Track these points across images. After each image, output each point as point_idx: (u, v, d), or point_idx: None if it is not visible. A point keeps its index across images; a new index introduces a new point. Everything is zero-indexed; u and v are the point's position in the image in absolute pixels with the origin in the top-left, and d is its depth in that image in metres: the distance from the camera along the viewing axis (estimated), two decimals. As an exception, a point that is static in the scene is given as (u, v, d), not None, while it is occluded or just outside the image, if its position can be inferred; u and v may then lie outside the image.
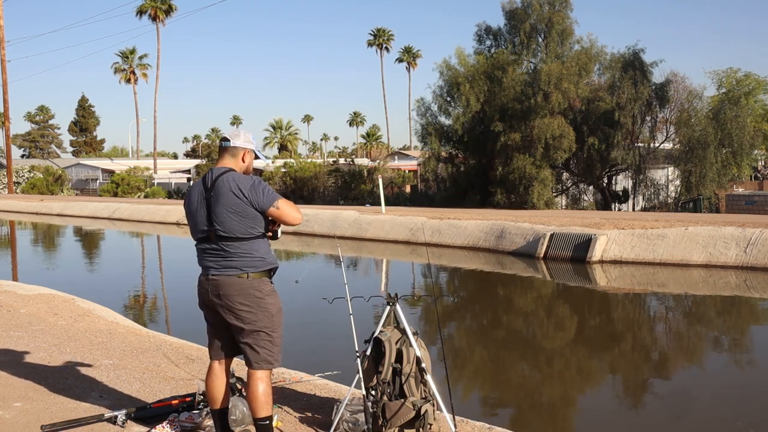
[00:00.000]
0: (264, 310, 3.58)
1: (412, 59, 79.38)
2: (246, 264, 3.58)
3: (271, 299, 3.61)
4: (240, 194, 3.52)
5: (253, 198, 3.53)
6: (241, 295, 3.55)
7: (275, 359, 3.62)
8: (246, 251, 3.58)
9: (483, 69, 25.56)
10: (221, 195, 3.55)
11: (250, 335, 3.57)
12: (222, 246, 3.59)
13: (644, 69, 24.73)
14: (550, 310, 11.08)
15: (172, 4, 54.07)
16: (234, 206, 3.53)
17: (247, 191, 3.53)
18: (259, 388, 3.57)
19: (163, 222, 27.85)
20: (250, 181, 3.58)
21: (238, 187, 3.53)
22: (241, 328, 3.58)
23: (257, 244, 3.62)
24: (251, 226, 3.57)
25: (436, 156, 27.58)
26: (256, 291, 3.56)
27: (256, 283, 3.57)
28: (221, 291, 3.57)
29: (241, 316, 3.56)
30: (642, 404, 6.29)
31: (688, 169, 24.23)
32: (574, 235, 14.83)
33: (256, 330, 3.57)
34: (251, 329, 3.57)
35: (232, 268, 3.57)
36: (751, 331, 9.55)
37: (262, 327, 3.57)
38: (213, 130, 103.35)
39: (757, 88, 37.69)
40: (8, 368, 5.51)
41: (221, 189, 3.56)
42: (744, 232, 13.28)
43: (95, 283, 13.79)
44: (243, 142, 3.72)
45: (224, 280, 3.58)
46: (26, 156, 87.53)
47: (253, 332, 3.57)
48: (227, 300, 3.56)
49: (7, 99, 49.03)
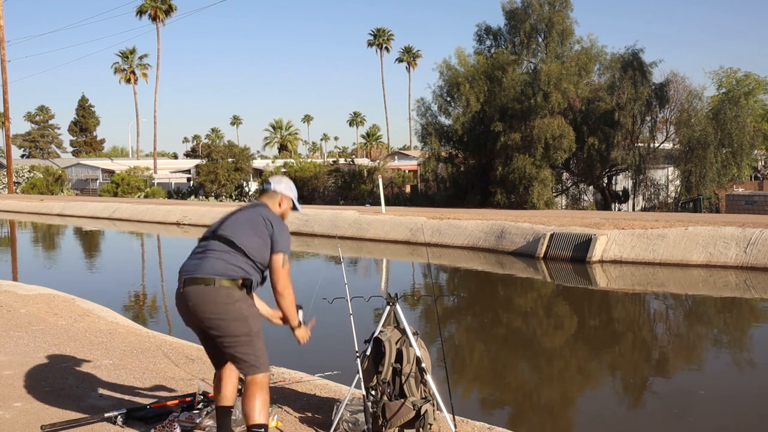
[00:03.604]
0: (236, 317, 3.49)
1: (412, 59, 79.42)
2: (219, 269, 3.52)
3: (242, 304, 3.52)
4: (267, 222, 3.61)
5: (276, 233, 3.59)
6: (209, 303, 3.48)
7: (260, 363, 3.53)
8: (228, 260, 3.54)
9: (483, 69, 25.55)
10: (248, 211, 3.68)
11: (228, 343, 3.50)
12: (212, 245, 3.59)
13: (644, 69, 24.73)
14: (550, 310, 11.08)
15: (172, 4, 54.06)
16: (255, 224, 3.60)
17: (275, 223, 3.62)
18: (252, 394, 3.50)
19: (163, 222, 27.85)
20: (281, 219, 3.71)
21: (268, 216, 3.65)
22: (217, 336, 3.52)
23: (244, 262, 3.57)
24: (256, 248, 3.57)
25: (436, 156, 27.57)
26: (224, 298, 3.49)
27: (223, 290, 3.49)
28: (190, 302, 3.51)
29: (213, 325, 3.50)
30: (642, 404, 6.29)
31: (688, 169, 24.23)
32: (574, 235, 14.82)
33: (233, 337, 3.49)
34: (227, 337, 3.49)
35: (203, 268, 3.52)
36: (751, 331, 9.54)
37: (238, 333, 3.49)
38: (213, 130, 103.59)
39: (757, 88, 37.69)
40: (8, 368, 5.51)
41: (251, 209, 3.70)
42: (744, 232, 13.28)
43: (95, 283, 13.79)
44: (283, 189, 3.85)
45: (192, 291, 3.52)
46: (26, 156, 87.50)
47: (230, 340, 3.49)
48: (197, 310, 3.50)
49: (7, 99, 49.03)
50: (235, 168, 39.93)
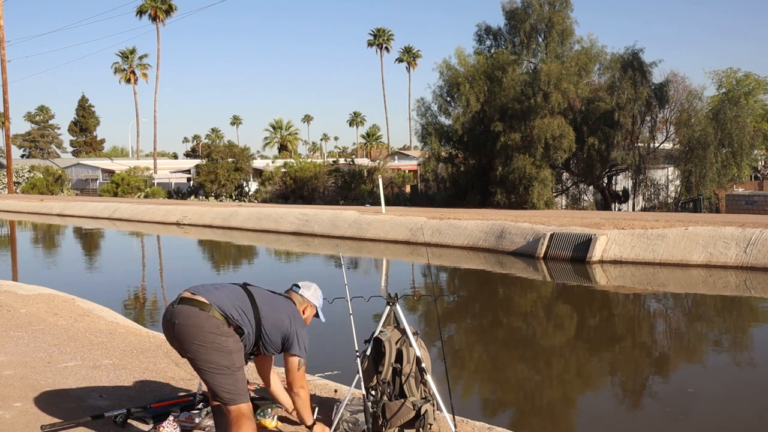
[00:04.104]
0: (218, 348, 3.38)
1: (412, 59, 79.44)
2: (222, 303, 3.47)
3: (229, 339, 3.43)
4: (293, 320, 3.65)
5: (299, 335, 3.63)
6: (196, 326, 3.38)
7: (240, 394, 3.41)
8: (238, 306, 3.52)
9: (483, 69, 25.55)
10: (281, 299, 3.74)
11: (206, 370, 3.40)
12: (233, 287, 3.63)
13: (643, 69, 24.72)
14: (550, 310, 11.08)
15: (172, 4, 54.07)
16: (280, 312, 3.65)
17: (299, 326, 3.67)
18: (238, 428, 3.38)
19: (163, 222, 27.84)
20: (304, 324, 3.74)
21: (296, 315, 3.69)
22: (193, 361, 3.44)
23: (251, 321, 3.55)
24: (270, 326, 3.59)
25: (436, 156, 27.57)
26: (212, 327, 3.39)
27: (213, 320, 3.40)
28: (176, 320, 3.41)
29: (191, 349, 3.40)
30: (642, 404, 6.28)
31: (688, 169, 24.22)
32: (574, 235, 14.82)
33: (210, 365, 3.38)
34: (204, 363, 3.39)
35: (206, 294, 3.49)
36: (751, 331, 9.54)
37: (217, 365, 3.38)
38: (213, 130, 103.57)
39: (757, 88, 37.69)
40: (8, 368, 5.51)
41: (284, 299, 3.76)
42: (744, 232, 13.28)
43: (95, 283, 13.78)
44: (310, 296, 3.87)
45: (183, 310, 3.42)
46: (26, 156, 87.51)
47: (206, 367, 3.39)
48: (181, 330, 3.40)
49: (7, 99, 49.05)
50: (235, 168, 39.93)
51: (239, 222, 24.68)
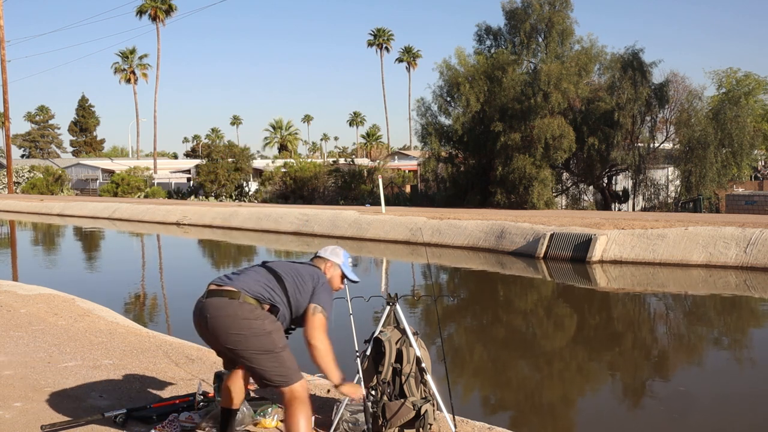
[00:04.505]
0: (257, 333, 3.33)
1: (412, 59, 79.43)
2: (250, 287, 3.44)
3: (264, 321, 3.38)
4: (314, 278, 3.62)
5: (318, 289, 3.56)
6: (229, 316, 3.33)
7: (290, 374, 3.37)
8: (264, 284, 3.48)
9: (483, 69, 25.55)
10: (301, 265, 3.70)
11: (249, 359, 3.35)
12: (255, 269, 3.60)
13: (643, 69, 24.72)
14: (550, 310, 11.08)
15: (172, 4, 54.07)
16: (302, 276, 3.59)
17: (321, 281, 3.62)
18: (294, 412, 3.33)
19: (163, 222, 27.85)
20: (327, 282, 3.69)
21: (317, 274, 3.66)
22: (236, 352, 3.36)
23: (281, 294, 3.50)
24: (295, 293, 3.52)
25: (436, 156, 27.57)
26: (246, 313, 3.35)
27: (246, 306, 3.36)
28: (208, 314, 3.37)
29: (231, 341, 3.34)
30: (642, 404, 6.28)
31: (688, 169, 24.22)
32: (574, 235, 14.82)
33: (254, 352, 3.33)
34: (247, 352, 3.33)
35: (233, 282, 3.45)
36: (751, 331, 9.55)
37: (260, 350, 3.33)
38: (213, 130, 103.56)
39: (757, 88, 37.68)
40: (8, 368, 5.51)
41: (304, 265, 3.73)
42: (744, 232, 13.28)
43: (95, 283, 13.78)
44: (329, 254, 3.88)
45: (213, 303, 3.38)
46: (26, 156, 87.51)
47: (250, 355, 3.33)
48: (215, 323, 3.35)
49: (7, 99, 49.04)
50: (235, 168, 39.93)
51: (239, 222, 24.68)
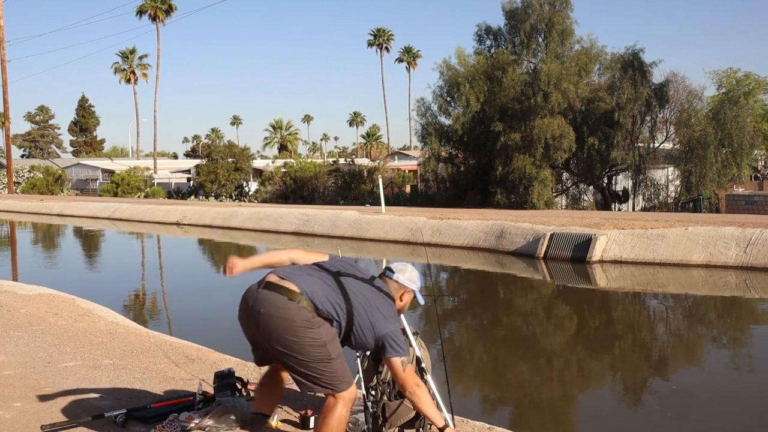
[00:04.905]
0: (312, 342, 3.08)
1: (412, 59, 79.46)
2: (314, 293, 3.12)
3: (321, 330, 3.11)
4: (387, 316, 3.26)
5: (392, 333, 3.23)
6: (285, 319, 3.05)
7: (341, 381, 3.14)
8: (330, 296, 3.16)
9: (483, 69, 25.55)
10: (372, 289, 3.31)
11: (298, 364, 3.09)
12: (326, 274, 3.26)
13: (643, 69, 24.73)
14: (550, 310, 11.08)
15: (172, 4, 54.08)
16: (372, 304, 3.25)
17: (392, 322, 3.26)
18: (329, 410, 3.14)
19: (163, 222, 27.84)
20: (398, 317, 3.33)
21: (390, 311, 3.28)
22: (285, 355, 3.10)
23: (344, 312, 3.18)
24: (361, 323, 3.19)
25: (436, 156, 27.57)
26: (303, 322, 3.06)
27: (305, 312, 3.07)
28: (262, 308, 3.08)
29: (283, 344, 3.07)
30: (642, 404, 6.29)
31: (688, 169, 24.22)
32: (574, 235, 14.82)
33: (305, 358, 3.08)
34: (297, 357, 3.08)
35: (296, 280, 3.13)
36: (751, 331, 9.55)
37: (313, 357, 3.09)
38: (213, 130, 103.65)
39: (757, 88, 37.67)
40: (8, 368, 5.51)
41: (377, 291, 3.32)
42: (744, 232, 13.28)
43: (95, 283, 13.78)
44: (406, 280, 3.48)
45: (270, 298, 3.08)
46: (26, 156, 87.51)
47: (299, 360, 3.08)
48: (267, 321, 3.07)
49: (7, 99, 49.04)
50: (235, 168, 39.93)
51: (239, 222, 24.68)
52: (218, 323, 9.47)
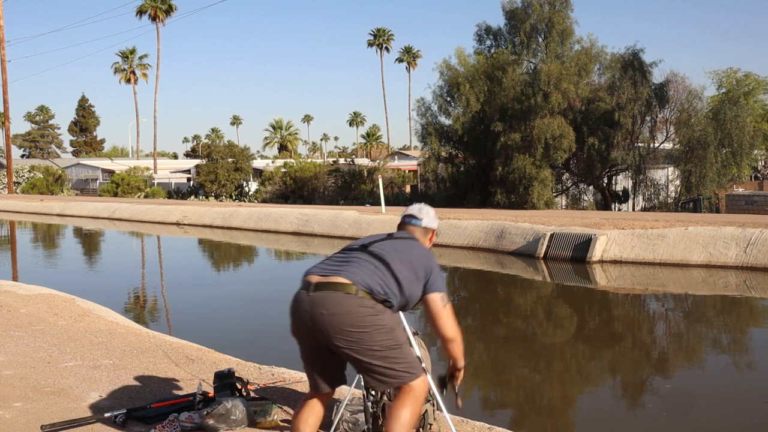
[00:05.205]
0: (380, 328, 3.03)
1: (412, 59, 79.44)
2: (365, 279, 3.04)
3: (385, 315, 3.07)
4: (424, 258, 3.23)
5: (434, 272, 3.22)
6: (349, 314, 2.98)
7: (414, 368, 3.13)
8: (377, 275, 3.08)
9: (483, 69, 25.56)
10: (404, 241, 3.27)
11: (372, 356, 3.03)
12: (361, 256, 3.16)
13: (644, 69, 24.75)
14: (551, 310, 11.07)
15: (172, 4, 54.07)
16: (411, 256, 3.20)
17: (432, 262, 3.24)
18: (402, 404, 3.08)
19: (163, 222, 27.85)
20: (436, 265, 3.29)
21: (426, 253, 3.27)
22: (357, 351, 3.04)
23: (394, 286, 3.11)
24: (407, 280, 3.14)
25: (436, 156, 27.58)
26: (367, 308, 3.01)
27: (368, 302, 3.01)
28: (323, 310, 3.00)
29: (353, 338, 3.00)
30: (642, 404, 6.29)
31: (688, 169, 24.24)
32: (574, 235, 14.82)
33: (377, 349, 3.03)
34: (370, 350, 3.02)
35: (346, 273, 3.05)
36: (751, 331, 9.54)
37: (384, 345, 3.04)
38: (213, 130, 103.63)
39: (757, 88, 37.66)
40: (8, 368, 5.51)
41: (407, 240, 3.30)
42: (744, 232, 13.28)
43: (95, 283, 13.78)
44: (430, 222, 3.48)
45: (326, 298, 3.01)
46: (26, 156, 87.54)
47: (372, 352, 3.03)
48: (332, 321, 2.99)
49: (7, 99, 49.04)
50: (235, 168, 39.94)
51: (239, 222, 24.69)
52: (218, 323, 9.48)
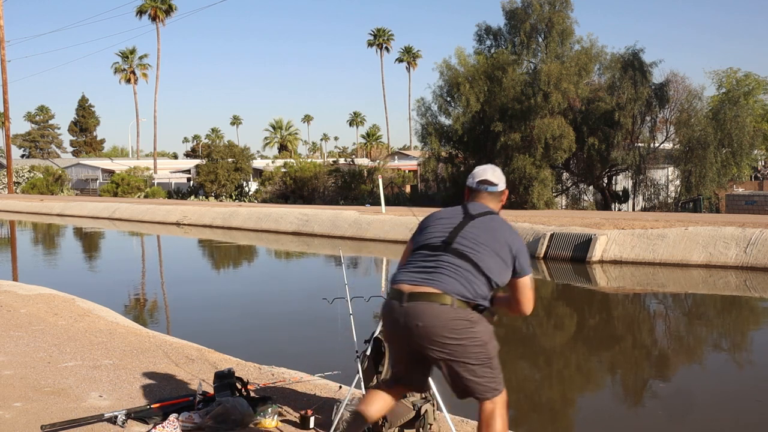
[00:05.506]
0: (476, 342, 3.04)
1: (412, 59, 79.43)
2: (456, 288, 3.02)
3: (481, 326, 3.08)
4: (510, 239, 3.17)
5: (521, 254, 3.17)
6: (445, 327, 2.98)
7: (499, 383, 3.14)
8: (468, 280, 3.04)
9: (483, 69, 25.57)
10: (485, 225, 3.20)
11: (464, 368, 3.05)
12: (448, 259, 3.09)
13: (644, 69, 24.75)
14: (550, 310, 11.07)
15: (172, 4, 54.08)
16: (497, 242, 3.13)
17: (517, 241, 3.19)
18: (493, 416, 3.08)
19: (163, 222, 27.85)
20: (517, 233, 3.26)
21: (510, 232, 3.21)
22: (451, 361, 3.05)
23: (485, 287, 3.10)
24: (498, 272, 3.11)
25: (436, 156, 27.59)
26: (463, 321, 3.01)
27: (462, 312, 3.01)
28: (420, 322, 3.00)
29: (448, 350, 3.01)
30: (642, 405, 6.29)
31: (688, 169, 24.25)
32: (574, 235, 14.83)
33: (471, 362, 3.05)
34: (463, 362, 3.04)
35: (438, 283, 3.02)
36: (751, 331, 9.55)
37: (478, 359, 3.06)
38: (213, 130, 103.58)
39: (757, 88, 37.66)
40: (8, 368, 5.51)
41: (487, 221, 3.23)
42: (744, 232, 13.28)
43: (95, 283, 13.79)
44: (503, 185, 3.46)
45: (422, 308, 3.00)
46: (26, 156, 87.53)
47: (465, 365, 3.05)
48: (429, 332, 3.00)
49: (7, 99, 49.05)
50: (235, 168, 39.95)
51: (239, 222, 24.69)
52: (218, 323, 9.48)
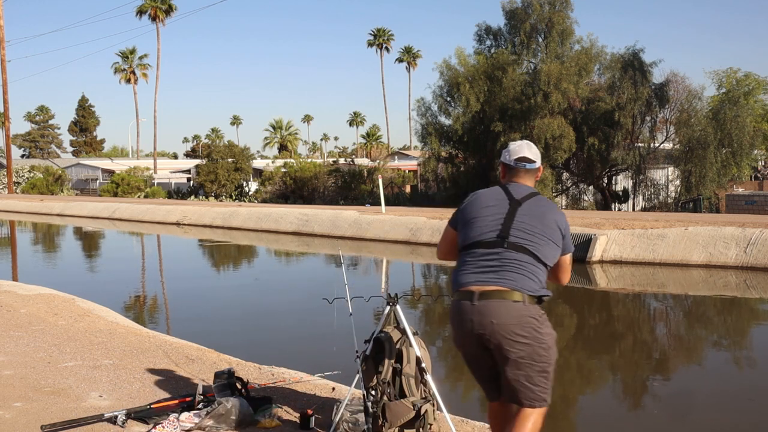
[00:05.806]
0: (543, 345, 3.05)
1: (412, 59, 79.41)
2: (524, 284, 3.04)
3: (547, 328, 3.08)
4: (558, 221, 3.26)
5: (567, 234, 3.31)
6: (518, 325, 3.00)
7: (548, 395, 3.12)
8: (533, 273, 3.07)
9: (483, 69, 25.57)
10: (534, 211, 3.22)
11: (525, 370, 3.04)
12: (510, 255, 3.09)
13: (644, 69, 24.76)
14: (550, 310, 11.06)
15: (172, 4, 54.08)
16: (548, 228, 3.20)
17: (563, 222, 3.29)
18: (525, 425, 3.07)
19: (163, 222, 27.85)
20: (561, 212, 3.36)
21: (557, 215, 3.29)
22: (518, 358, 3.03)
23: (545, 276, 3.15)
24: (554, 257, 3.19)
25: (436, 156, 27.59)
26: (533, 319, 3.02)
27: (533, 309, 3.03)
28: (495, 319, 3.00)
29: (516, 348, 3.01)
30: (642, 405, 6.29)
31: (688, 169, 24.25)
32: (574, 235, 14.82)
33: (533, 364, 3.03)
34: (527, 363, 3.03)
35: (507, 281, 3.03)
36: (751, 331, 9.55)
37: (540, 362, 3.05)
38: (213, 130, 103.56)
39: (757, 88, 37.66)
40: (8, 368, 5.51)
41: (534, 205, 3.25)
42: (744, 232, 13.28)
43: (95, 283, 13.79)
44: (539, 161, 3.45)
45: (496, 307, 3.01)
46: (26, 156, 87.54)
47: (528, 367, 3.04)
48: (501, 330, 3.00)
49: (7, 99, 49.05)
50: (235, 168, 39.95)
51: (239, 222, 24.69)
52: (218, 323, 9.48)
